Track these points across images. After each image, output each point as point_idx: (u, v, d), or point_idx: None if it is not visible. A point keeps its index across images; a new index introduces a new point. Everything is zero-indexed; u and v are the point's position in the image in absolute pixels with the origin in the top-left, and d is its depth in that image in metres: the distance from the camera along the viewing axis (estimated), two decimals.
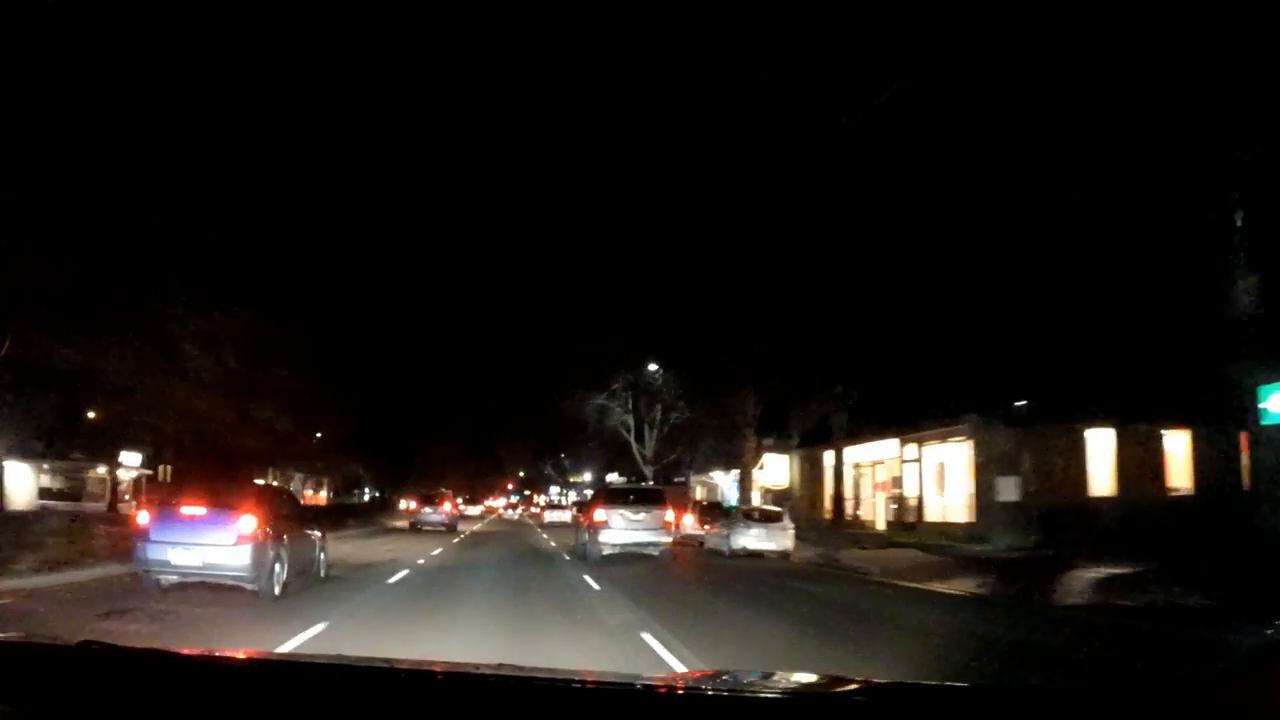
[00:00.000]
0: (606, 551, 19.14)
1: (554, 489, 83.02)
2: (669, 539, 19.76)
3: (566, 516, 56.73)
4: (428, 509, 37.30)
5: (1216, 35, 12.39)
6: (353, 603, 11.79)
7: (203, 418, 21.93)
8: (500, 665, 2.38)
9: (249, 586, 11.27)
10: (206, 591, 11.39)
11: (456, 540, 30.12)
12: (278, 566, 11.73)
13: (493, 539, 32.94)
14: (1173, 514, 21.05)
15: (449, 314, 48.77)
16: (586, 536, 20.13)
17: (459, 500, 58.64)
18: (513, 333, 47.37)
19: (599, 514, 19.35)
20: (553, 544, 28.35)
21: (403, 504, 52.43)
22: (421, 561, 18.98)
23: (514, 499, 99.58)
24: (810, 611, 11.90)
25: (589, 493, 66.87)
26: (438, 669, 2.27)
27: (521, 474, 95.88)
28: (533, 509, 75.26)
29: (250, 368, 22.57)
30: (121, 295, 18.67)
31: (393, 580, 14.90)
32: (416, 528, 36.00)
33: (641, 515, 19.29)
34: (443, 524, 35.92)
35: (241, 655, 2.85)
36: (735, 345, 27.56)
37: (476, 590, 13.84)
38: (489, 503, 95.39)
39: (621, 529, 19.10)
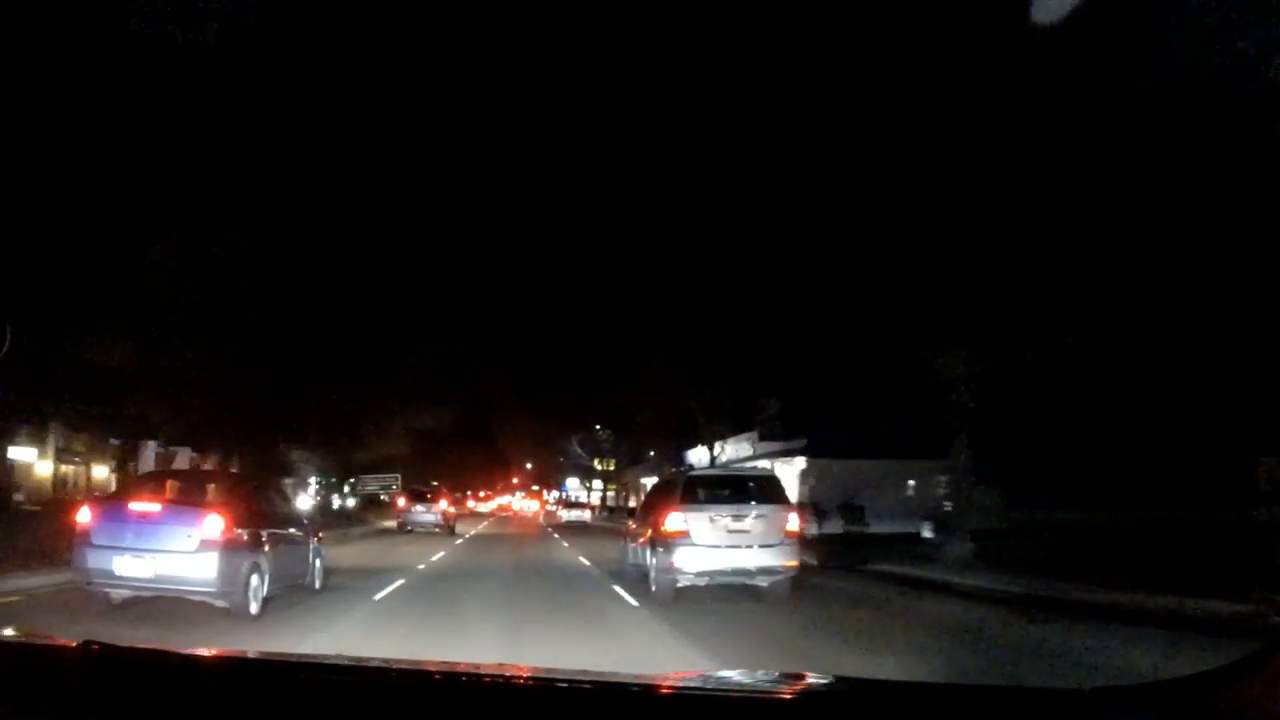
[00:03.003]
0: (685, 582, 12.38)
1: (572, 481, 77.27)
2: (792, 560, 12.59)
3: (586, 516, 53.36)
4: (419, 507, 33.72)
5: None
6: (338, 626, 9.87)
7: None
8: (501, 665, 2.49)
9: (218, 603, 9.60)
10: (170, 607, 9.61)
11: (460, 541, 28.46)
12: (255, 578, 10.01)
13: (502, 545, 30.85)
14: None
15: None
16: (649, 555, 13.15)
17: (466, 497, 54.03)
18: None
19: (675, 520, 12.33)
20: (565, 544, 26.52)
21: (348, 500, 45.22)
22: (422, 567, 17.48)
23: (517, 495, 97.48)
24: None
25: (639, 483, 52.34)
26: (435, 669, 2.36)
27: (529, 465, 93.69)
28: (546, 507, 70.60)
29: None
30: None
31: (392, 596, 13.01)
32: (405, 528, 32.91)
33: (748, 521, 12.38)
34: (437, 525, 32.79)
35: (242, 655, 2.86)
36: None
37: (484, 616, 11.88)
38: (501, 500, 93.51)
39: (714, 545, 12.19)
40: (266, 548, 10.33)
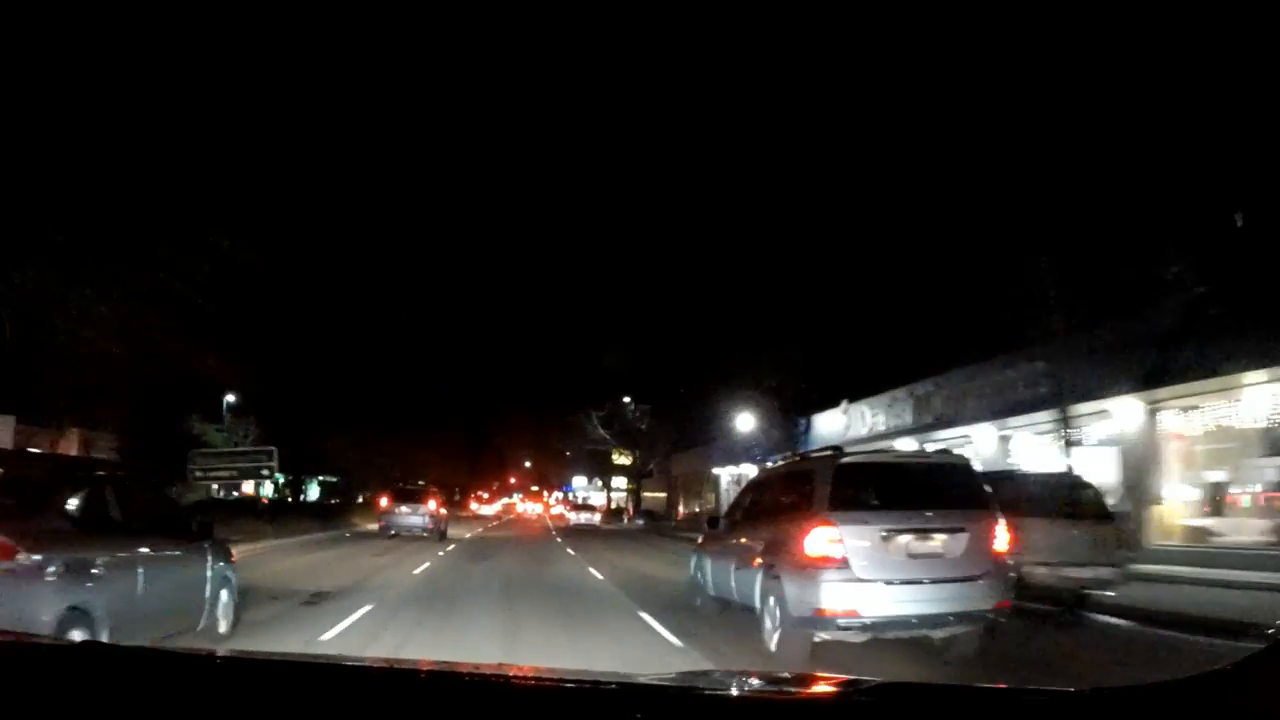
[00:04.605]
0: (831, 635, 7.82)
1: (579, 480, 72.20)
2: (1004, 599, 8.02)
3: (596, 519, 49.58)
4: (404, 508, 30.53)
5: None
6: None
7: None
8: (501, 665, 2.51)
9: None
10: None
11: (450, 549, 24.73)
12: (76, 635, 5.99)
13: (501, 552, 26.90)
14: None
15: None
16: (762, 589, 8.68)
17: (466, 499, 50.83)
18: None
19: (820, 539, 7.77)
20: (570, 551, 22.65)
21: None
22: (393, 592, 13.65)
23: (516, 496, 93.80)
24: None
25: (726, 473, 41.92)
26: (427, 668, 2.39)
27: (528, 464, 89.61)
28: (550, 510, 66.01)
29: None
30: None
31: (339, 640, 9.07)
32: (388, 532, 29.86)
33: (939, 540, 7.91)
34: (424, 529, 29.71)
35: (244, 655, 2.87)
36: None
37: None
38: (505, 500, 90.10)
39: (887, 579, 7.69)
40: (98, 582, 6.31)
